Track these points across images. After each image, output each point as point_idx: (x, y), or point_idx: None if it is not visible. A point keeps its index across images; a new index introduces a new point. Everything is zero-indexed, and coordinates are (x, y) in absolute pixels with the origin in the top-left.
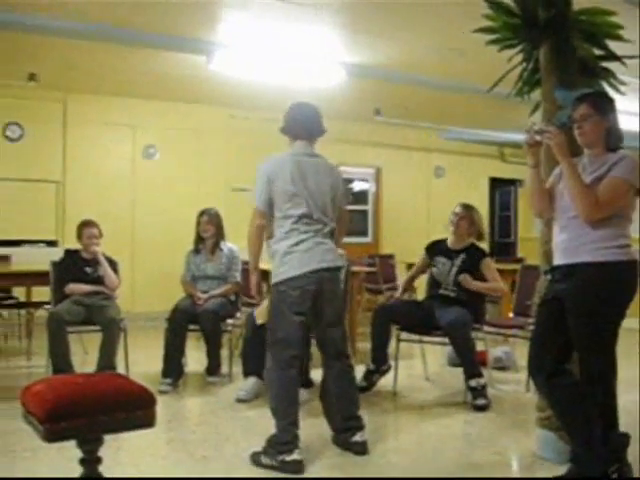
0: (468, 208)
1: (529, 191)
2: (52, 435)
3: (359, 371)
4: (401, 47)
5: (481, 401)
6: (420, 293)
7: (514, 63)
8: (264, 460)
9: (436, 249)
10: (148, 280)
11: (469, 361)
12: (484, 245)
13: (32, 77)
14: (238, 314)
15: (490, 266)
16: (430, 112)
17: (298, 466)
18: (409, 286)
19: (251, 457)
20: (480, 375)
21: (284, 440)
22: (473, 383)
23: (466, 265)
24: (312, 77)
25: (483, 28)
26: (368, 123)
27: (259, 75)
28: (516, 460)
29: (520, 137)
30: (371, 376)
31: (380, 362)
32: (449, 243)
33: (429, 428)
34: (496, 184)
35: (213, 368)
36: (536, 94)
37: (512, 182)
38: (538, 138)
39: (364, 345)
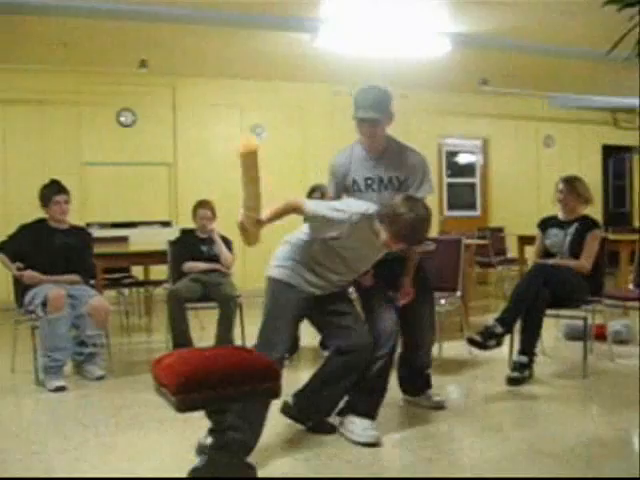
0: (571, 181)
1: None
2: (183, 406)
3: None
4: (509, 13)
5: (514, 374)
6: None
7: (634, 23)
8: None
9: (548, 223)
10: (259, 257)
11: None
12: (597, 214)
13: (143, 63)
14: (350, 289)
15: (593, 239)
16: (539, 79)
17: None
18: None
19: None
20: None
21: None
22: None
23: (580, 234)
24: (417, 49)
25: None
26: (474, 93)
27: (362, 49)
28: None
29: (635, 102)
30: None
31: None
32: (560, 216)
33: (547, 402)
34: (609, 152)
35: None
36: None
37: (627, 149)
38: None
39: (475, 319)
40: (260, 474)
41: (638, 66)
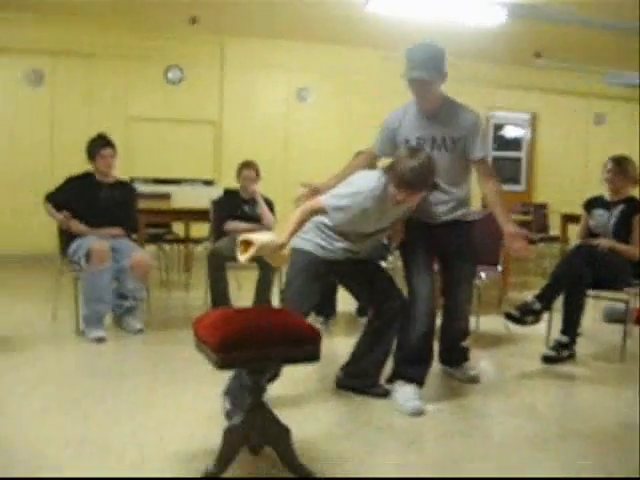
0: (619, 162)
1: None
2: (224, 363)
3: None
4: None
5: (550, 352)
6: None
7: None
8: None
9: (593, 204)
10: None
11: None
12: None
13: (193, 20)
14: (390, 257)
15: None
16: (594, 55)
17: None
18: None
19: None
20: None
21: None
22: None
23: (625, 216)
24: (471, 17)
25: None
26: (526, 66)
27: (415, 15)
28: None
29: None
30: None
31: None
32: (607, 196)
33: (582, 383)
34: None
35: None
36: None
37: None
38: None
39: (513, 295)
40: (293, 435)
41: None
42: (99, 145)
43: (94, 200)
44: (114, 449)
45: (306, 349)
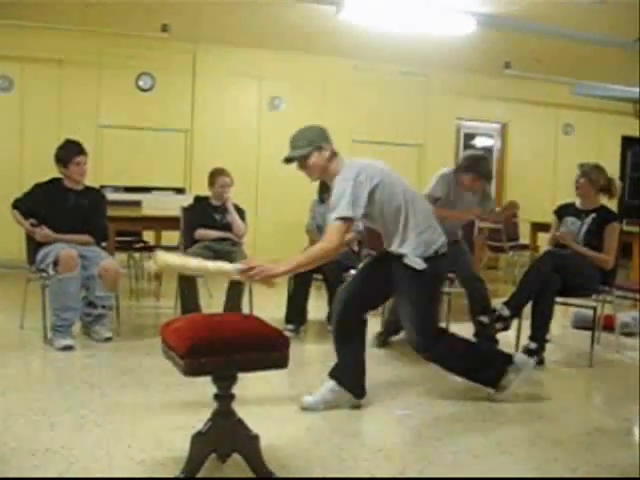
0: (588, 171)
1: None
2: (191, 370)
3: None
4: None
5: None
6: None
7: None
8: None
9: (565, 211)
10: (270, 228)
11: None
12: (612, 205)
13: (165, 28)
14: (360, 265)
15: (613, 232)
16: (563, 66)
17: None
18: None
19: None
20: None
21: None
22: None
23: (596, 225)
24: (441, 27)
25: None
26: (496, 76)
27: (387, 24)
28: None
29: None
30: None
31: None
32: (578, 204)
33: (552, 389)
34: (629, 143)
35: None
36: None
37: None
38: None
39: None
40: (262, 441)
41: None
42: (74, 152)
43: (63, 207)
44: (81, 458)
45: (274, 355)
